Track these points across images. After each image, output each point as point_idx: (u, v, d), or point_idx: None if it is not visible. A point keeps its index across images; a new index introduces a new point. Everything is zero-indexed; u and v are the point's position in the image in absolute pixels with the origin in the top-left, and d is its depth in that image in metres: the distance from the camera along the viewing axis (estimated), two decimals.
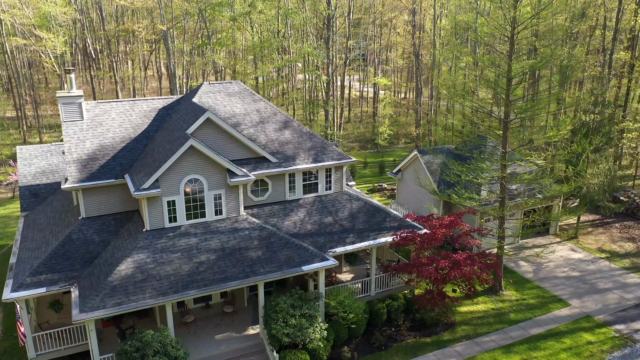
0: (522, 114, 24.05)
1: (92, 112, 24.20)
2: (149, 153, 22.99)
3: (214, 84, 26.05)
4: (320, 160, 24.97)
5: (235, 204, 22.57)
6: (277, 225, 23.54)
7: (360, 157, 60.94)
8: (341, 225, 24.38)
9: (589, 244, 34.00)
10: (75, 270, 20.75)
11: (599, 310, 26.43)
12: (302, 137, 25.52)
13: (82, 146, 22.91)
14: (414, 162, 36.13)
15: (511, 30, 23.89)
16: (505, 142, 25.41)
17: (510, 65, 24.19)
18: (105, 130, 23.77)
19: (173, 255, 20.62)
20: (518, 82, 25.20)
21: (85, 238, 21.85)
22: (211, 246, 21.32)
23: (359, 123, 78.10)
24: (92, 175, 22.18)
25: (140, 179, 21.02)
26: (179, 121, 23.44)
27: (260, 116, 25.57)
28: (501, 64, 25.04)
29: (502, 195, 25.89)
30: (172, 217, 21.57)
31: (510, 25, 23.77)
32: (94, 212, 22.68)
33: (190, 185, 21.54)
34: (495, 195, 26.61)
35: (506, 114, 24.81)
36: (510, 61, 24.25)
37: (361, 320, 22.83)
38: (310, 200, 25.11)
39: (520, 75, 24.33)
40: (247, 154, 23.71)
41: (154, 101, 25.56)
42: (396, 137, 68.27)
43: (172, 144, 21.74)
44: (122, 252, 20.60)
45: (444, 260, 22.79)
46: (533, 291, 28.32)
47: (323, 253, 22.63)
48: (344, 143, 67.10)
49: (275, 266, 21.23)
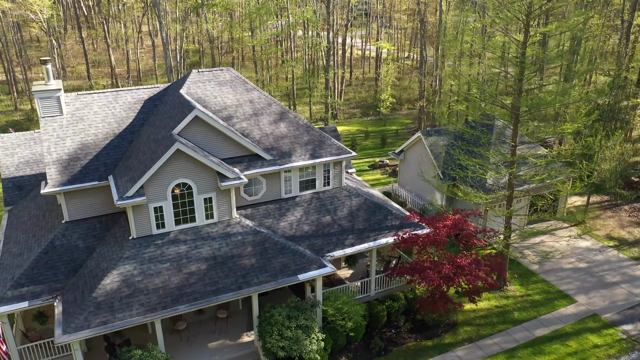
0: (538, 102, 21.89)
1: (72, 106, 22.51)
2: (134, 152, 21.48)
3: (203, 72, 24.16)
4: (318, 155, 23.44)
5: (228, 207, 21.26)
6: (272, 227, 22.31)
7: (362, 125, 59.13)
8: (340, 226, 23.15)
9: (596, 230, 32.86)
10: (59, 281, 19.70)
11: (606, 308, 25.56)
12: (298, 130, 23.88)
13: (63, 145, 21.36)
14: (417, 144, 34.52)
15: (526, 17, 21.80)
16: (516, 136, 23.77)
17: (524, 54, 22.24)
18: (87, 125, 22.15)
19: (161, 266, 19.51)
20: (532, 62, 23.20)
21: (69, 244, 20.68)
22: (202, 254, 20.17)
23: (361, 87, 75.66)
24: (74, 177, 20.77)
25: (124, 185, 19.63)
26: (166, 117, 21.79)
27: (254, 107, 23.84)
28: (512, 46, 23.05)
29: (510, 193, 24.46)
30: (160, 224, 20.32)
31: (526, 10, 21.66)
32: (77, 215, 21.42)
33: (179, 190, 20.17)
34: (502, 193, 25.18)
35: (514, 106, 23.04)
36: (524, 48, 22.28)
37: (360, 325, 21.97)
38: (307, 197, 23.77)
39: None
40: (239, 151, 22.20)
41: (139, 91, 23.77)
42: (399, 102, 66.10)
43: (158, 144, 20.20)
44: (108, 263, 19.48)
45: (447, 266, 21.70)
46: (538, 285, 27.39)
47: (320, 258, 21.52)
48: (345, 109, 65.06)
49: (270, 275, 20.15)
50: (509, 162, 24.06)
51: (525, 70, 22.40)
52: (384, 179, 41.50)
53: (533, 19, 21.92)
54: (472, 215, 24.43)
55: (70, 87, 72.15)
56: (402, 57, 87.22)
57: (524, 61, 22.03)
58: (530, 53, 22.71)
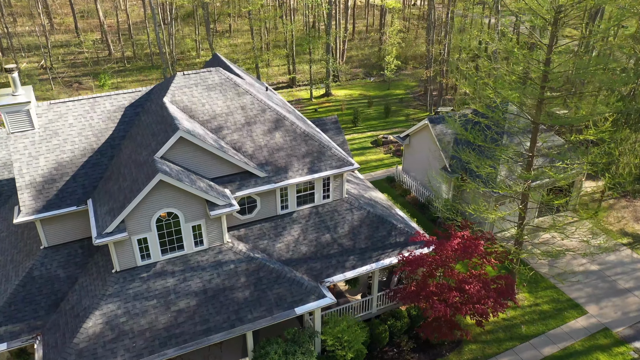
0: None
1: (44, 118, 20.31)
2: (114, 172, 19.55)
3: (190, 74, 21.71)
4: (317, 169, 21.48)
5: (218, 232, 19.60)
6: (268, 249, 20.75)
7: (364, 89, 56.27)
8: (340, 245, 21.57)
9: (610, 224, 31.30)
10: (39, 317, 18.40)
11: (617, 321, 24.44)
12: (295, 140, 21.75)
13: (36, 165, 19.39)
14: (423, 130, 32.30)
15: (554, 16, 19.12)
16: (534, 145, 21.66)
17: (549, 59, 19.74)
18: (62, 141, 20.07)
19: (148, 304, 18.12)
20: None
21: (49, 274, 19.22)
22: (191, 288, 18.73)
23: (364, 44, 71.73)
24: (50, 202, 18.98)
25: (103, 218, 17.87)
26: (148, 133, 19.66)
27: (246, 115, 21.60)
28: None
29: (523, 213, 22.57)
30: (145, 255, 18.74)
31: (555, 11, 18.96)
32: (57, 240, 19.82)
33: (164, 218, 18.45)
34: (516, 190, 23.28)
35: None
36: (549, 54, 19.75)
37: (361, 353, 20.89)
38: (305, 213, 22.04)
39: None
40: (230, 169, 20.24)
41: (118, 97, 21.45)
42: (404, 61, 62.70)
43: (140, 170, 18.25)
44: (90, 300, 18.08)
45: (454, 293, 20.30)
46: (547, 293, 26.18)
47: (319, 284, 20.12)
48: (347, 69, 61.83)
49: (265, 309, 18.80)
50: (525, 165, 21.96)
51: (549, 78, 19.99)
52: (387, 159, 39.48)
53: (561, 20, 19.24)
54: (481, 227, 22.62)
55: (58, 42, 68.47)
56: (409, 5, 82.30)
57: (547, 70, 19.58)
58: (558, 61, 20.17)
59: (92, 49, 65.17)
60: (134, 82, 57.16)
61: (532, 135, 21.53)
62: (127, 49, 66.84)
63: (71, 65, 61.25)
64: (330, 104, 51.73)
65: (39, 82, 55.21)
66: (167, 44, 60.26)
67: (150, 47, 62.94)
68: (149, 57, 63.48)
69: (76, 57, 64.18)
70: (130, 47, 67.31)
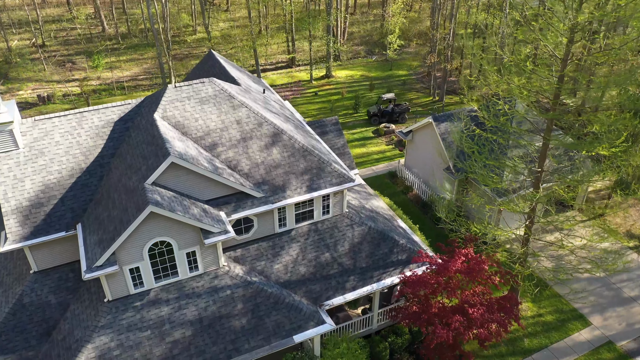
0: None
1: (29, 136, 19.29)
2: (104, 195, 18.69)
3: (182, 86, 20.53)
4: (317, 187, 20.59)
5: (214, 257, 18.90)
6: (265, 271, 20.10)
7: (366, 69, 54.59)
8: (340, 265, 20.90)
9: (616, 225, 30.59)
10: (30, 348, 17.92)
11: (622, 333, 24.05)
12: (294, 156, 20.77)
13: (22, 188, 18.51)
14: (427, 128, 31.19)
15: (569, 36, 17.82)
16: (543, 162, 20.69)
17: (562, 76, 18.54)
18: (49, 161, 19.11)
19: (142, 335, 17.59)
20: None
21: (40, 301, 18.63)
22: (187, 317, 18.16)
23: (365, 18, 69.37)
24: (38, 228, 18.20)
25: (93, 250, 17.12)
26: (138, 155, 18.68)
27: (242, 130, 20.54)
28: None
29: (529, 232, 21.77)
30: (138, 283, 18.10)
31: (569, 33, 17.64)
32: (47, 264, 19.15)
33: (157, 248, 17.72)
34: (522, 201, 22.44)
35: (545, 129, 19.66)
36: (563, 69, 18.53)
37: None
38: (304, 230, 21.27)
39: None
40: (226, 191, 19.36)
41: (107, 111, 20.34)
42: (407, 38, 60.68)
43: (130, 197, 17.39)
44: (82, 332, 17.54)
45: (457, 316, 19.74)
46: (551, 302, 25.70)
47: (318, 308, 19.58)
48: (349, 47, 59.95)
49: (263, 338, 18.30)
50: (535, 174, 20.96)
51: (561, 93, 18.85)
52: (389, 151, 38.43)
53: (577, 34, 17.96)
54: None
55: (49, 17, 66.24)
56: None
57: (560, 86, 18.42)
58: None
59: (85, 24, 63.04)
60: (129, 61, 55.46)
61: (542, 152, 20.53)
62: (121, 25, 64.69)
63: (64, 43, 59.35)
64: (330, 87, 50.24)
65: (31, 62, 53.54)
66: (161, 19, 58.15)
67: (145, 23, 60.85)
68: (144, 34, 61.46)
69: (69, 33, 62.16)
70: (124, 23, 65.12)
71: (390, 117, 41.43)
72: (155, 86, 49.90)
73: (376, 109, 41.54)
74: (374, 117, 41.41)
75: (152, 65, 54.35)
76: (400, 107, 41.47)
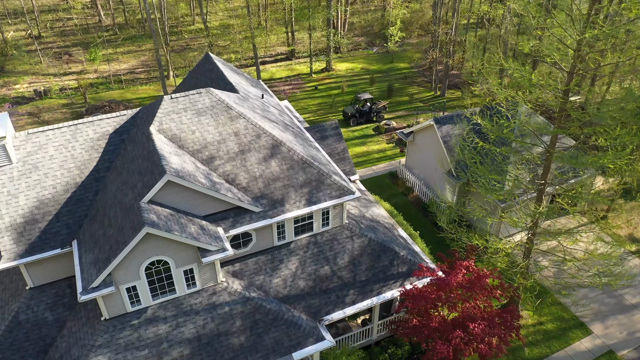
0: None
1: (22, 150, 18.89)
2: (100, 211, 18.37)
3: (178, 97, 20.06)
4: (316, 200, 20.25)
5: (212, 273, 18.65)
6: (264, 286, 19.87)
7: (367, 61, 53.85)
8: (340, 278, 20.67)
9: (618, 229, 30.31)
10: None
11: (623, 342, 23.94)
12: (293, 168, 20.39)
13: (16, 204, 18.18)
14: (429, 130, 30.74)
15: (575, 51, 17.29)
16: (546, 175, 20.31)
17: (567, 92, 18.07)
18: (43, 175, 18.75)
19: (139, 354, 17.41)
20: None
21: (36, 318, 18.44)
22: (184, 335, 17.98)
23: (366, 8, 68.24)
24: (33, 245, 17.91)
25: (89, 270, 16.85)
26: (134, 171, 18.31)
27: (240, 142, 20.13)
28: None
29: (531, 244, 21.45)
30: (135, 301, 17.87)
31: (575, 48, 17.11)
32: (42, 280, 18.91)
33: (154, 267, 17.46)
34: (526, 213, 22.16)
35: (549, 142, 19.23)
36: (569, 80, 18.05)
37: None
38: (303, 242, 20.99)
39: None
40: (223, 206, 19.02)
41: (102, 123, 19.91)
42: (408, 29, 59.76)
43: (126, 216, 17.07)
44: (79, 351, 17.36)
45: (458, 331, 19.56)
46: (552, 310, 25.55)
47: (317, 324, 19.39)
48: (350, 38, 59.06)
49: (261, 356, 18.14)
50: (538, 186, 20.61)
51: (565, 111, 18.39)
52: (390, 149, 37.99)
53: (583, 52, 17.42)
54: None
55: (45, 6, 65.21)
56: None
57: (566, 102, 17.96)
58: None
59: (82, 14, 62.07)
60: (127, 53, 54.69)
61: (545, 166, 20.15)
62: (118, 16, 63.69)
63: (60, 34, 58.49)
64: (331, 80, 49.60)
65: (27, 54, 52.80)
66: (159, 9, 57.22)
67: (142, 13, 59.90)
68: (142, 25, 60.54)
69: (65, 24, 61.22)
70: (121, 13, 64.11)
71: (368, 117, 40.92)
72: (153, 80, 49.25)
73: (353, 110, 40.96)
74: (352, 118, 40.76)
75: (150, 57, 53.60)
76: (376, 105, 41.04)
